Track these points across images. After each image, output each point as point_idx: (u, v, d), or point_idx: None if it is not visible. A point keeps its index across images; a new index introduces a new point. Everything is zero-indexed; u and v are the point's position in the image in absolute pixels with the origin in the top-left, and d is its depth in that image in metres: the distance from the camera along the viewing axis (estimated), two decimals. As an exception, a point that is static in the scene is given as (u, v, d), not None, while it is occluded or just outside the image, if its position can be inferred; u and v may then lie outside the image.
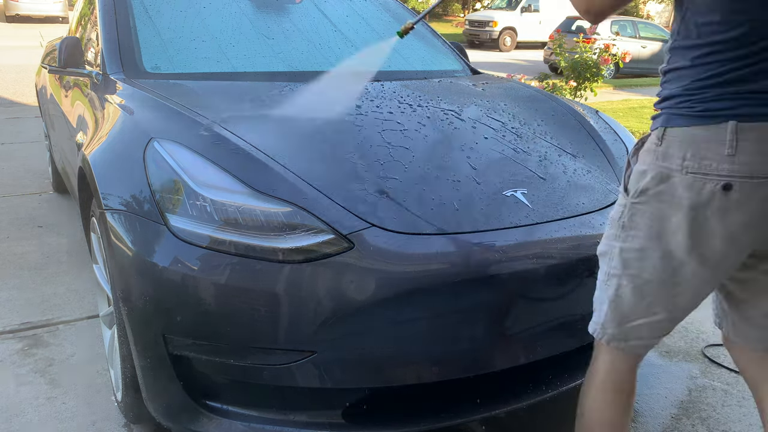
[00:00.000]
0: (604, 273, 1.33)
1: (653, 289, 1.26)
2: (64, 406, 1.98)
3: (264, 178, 1.59)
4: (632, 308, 1.29)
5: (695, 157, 1.16)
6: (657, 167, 1.21)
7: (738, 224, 1.17)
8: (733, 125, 1.14)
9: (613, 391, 1.36)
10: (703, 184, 1.16)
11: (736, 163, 1.14)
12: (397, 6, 3.26)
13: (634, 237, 1.26)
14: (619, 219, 1.29)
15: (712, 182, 1.15)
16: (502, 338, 1.61)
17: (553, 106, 2.44)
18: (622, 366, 1.35)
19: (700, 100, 1.17)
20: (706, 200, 1.16)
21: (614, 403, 1.36)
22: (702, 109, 1.17)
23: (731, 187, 1.15)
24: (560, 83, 6.69)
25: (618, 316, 1.31)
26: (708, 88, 1.16)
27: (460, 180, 1.74)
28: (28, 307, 2.60)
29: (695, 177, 1.17)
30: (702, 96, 1.17)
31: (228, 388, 1.57)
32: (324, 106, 2.09)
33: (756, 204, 1.16)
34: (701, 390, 2.20)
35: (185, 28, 2.59)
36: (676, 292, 1.25)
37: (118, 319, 1.69)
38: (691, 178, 1.17)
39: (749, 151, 1.13)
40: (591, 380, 1.38)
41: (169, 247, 1.50)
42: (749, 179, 1.14)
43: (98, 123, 2.09)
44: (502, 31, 19.13)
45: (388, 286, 1.45)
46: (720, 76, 1.15)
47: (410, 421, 1.57)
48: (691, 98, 1.18)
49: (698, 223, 1.18)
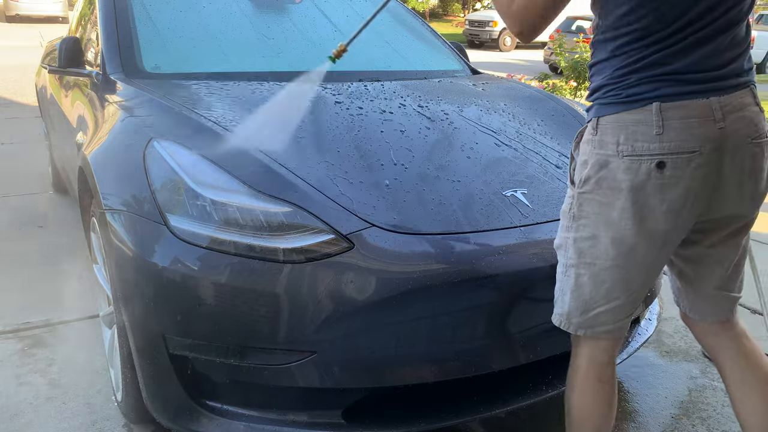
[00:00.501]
0: (562, 265, 1.38)
1: (609, 274, 1.30)
2: (64, 406, 1.98)
3: (264, 178, 1.59)
4: (592, 296, 1.33)
5: (628, 141, 1.23)
6: (595, 155, 1.27)
7: (676, 199, 1.23)
8: (657, 106, 1.20)
9: (595, 384, 1.40)
10: (638, 165, 1.22)
11: (665, 141, 1.20)
12: (396, 6, 3.26)
13: (585, 226, 1.31)
14: (569, 210, 1.34)
15: (647, 162, 1.21)
16: (502, 338, 1.61)
17: (553, 106, 2.44)
18: (601, 358, 1.39)
19: (623, 86, 1.24)
20: (643, 180, 1.22)
21: (598, 396, 1.40)
22: (626, 95, 1.23)
23: (664, 165, 1.21)
24: (560, 83, 6.70)
25: (580, 305, 1.35)
26: (629, 74, 1.23)
27: (460, 180, 1.74)
28: (28, 307, 2.60)
29: (631, 159, 1.23)
30: (625, 83, 1.23)
31: (228, 388, 1.57)
32: (325, 106, 2.09)
33: (689, 178, 1.22)
34: (701, 390, 2.20)
35: (185, 28, 2.59)
36: (631, 274, 1.30)
37: (118, 319, 1.69)
38: (627, 161, 1.23)
39: (675, 128, 1.20)
40: (573, 377, 1.43)
41: (169, 247, 1.50)
42: (679, 155, 1.20)
43: (98, 123, 2.09)
44: (502, 31, 19.11)
45: (388, 286, 1.45)
46: (638, 63, 1.22)
47: (410, 421, 1.57)
48: (616, 86, 1.25)
49: (640, 204, 1.24)
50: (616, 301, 1.33)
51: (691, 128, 1.20)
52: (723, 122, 1.21)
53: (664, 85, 1.21)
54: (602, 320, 1.35)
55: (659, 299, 2.16)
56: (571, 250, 1.34)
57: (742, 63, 1.25)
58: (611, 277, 1.30)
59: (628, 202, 1.24)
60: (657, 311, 2.13)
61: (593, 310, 1.34)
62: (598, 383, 1.40)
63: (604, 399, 1.41)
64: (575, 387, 1.42)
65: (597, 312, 1.34)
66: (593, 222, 1.29)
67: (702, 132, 1.20)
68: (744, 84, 1.25)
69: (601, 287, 1.32)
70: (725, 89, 1.22)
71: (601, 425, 1.41)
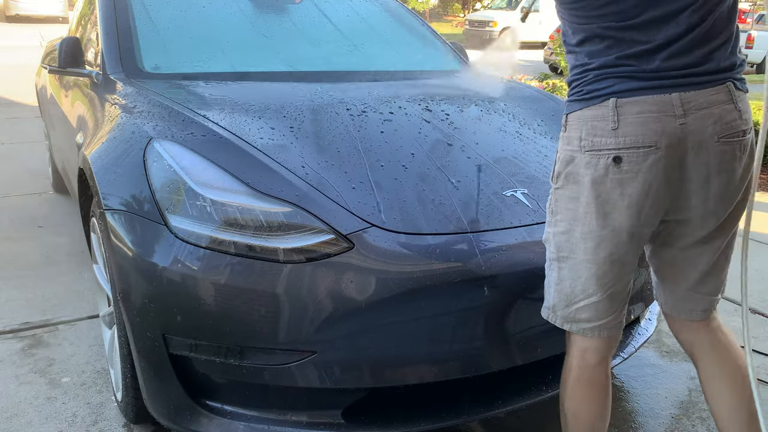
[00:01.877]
0: (547, 259, 1.41)
1: (583, 268, 1.32)
2: (64, 406, 1.99)
3: (264, 178, 1.59)
4: (572, 289, 1.36)
5: (589, 136, 1.25)
6: (564, 151, 1.31)
7: (636, 194, 1.24)
8: (613, 102, 1.22)
9: (588, 387, 1.41)
10: (597, 159, 1.24)
11: (620, 136, 1.22)
12: (397, 6, 3.26)
13: (561, 221, 1.34)
14: (549, 206, 1.38)
15: (605, 157, 1.24)
16: (502, 338, 1.61)
17: (553, 106, 2.44)
18: (592, 359, 1.40)
19: (584, 83, 1.27)
20: (602, 175, 1.24)
21: (591, 398, 1.41)
22: (587, 91, 1.26)
23: (621, 160, 1.22)
24: (560, 83, 6.70)
25: (563, 298, 1.38)
26: (588, 71, 1.26)
27: (460, 180, 1.74)
28: (28, 307, 2.61)
29: (591, 154, 1.25)
30: (584, 79, 1.27)
31: (228, 388, 1.57)
32: (325, 106, 2.09)
33: (647, 173, 1.22)
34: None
35: (185, 28, 2.59)
36: (603, 269, 1.31)
37: (118, 319, 1.69)
38: (588, 156, 1.26)
39: (630, 123, 1.21)
40: (566, 378, 1.43)
41: (169, 247, 1.50)
42: (635, 149, 1.21)
43: (98, 123, 2.09)
44: (502, 31, 19.11)
45: (388, 286, 1.45)
46: (597, 59, 1.25)
47: (410, 421, 1.57)
48: (579, 83, 1.28)
49: (602, 199, 1.26)
50: (593, 296, 1.34)
51: (647, 123, 1.20)
52: (684, 118, 1.20)
53: (621, 81, 1.22)
54: (584, 316, 1.36)
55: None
56: (552, 244, 1.37)
57: (718, 59, 1.23)
58: (585, 272, 1.32)
59: (590, 197, 1.26)
60: (657, 311, 2.13)
61: (574, 305, 1.36)
62: (589, 385, 1.41)
63: (596, 400, 1.41)
64: (567, 387, 1.43)
65: (578, 306, 1.36)
66: (566, 217, 1.32)
67: (659, 127, 1.20)
68: (718, 81, 1.22)
69: (578, 281, 1.34)
70: (692, 85, 1.21)
71: (595, 424, 1.42)
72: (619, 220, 1.26)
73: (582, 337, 1.39)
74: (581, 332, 1.39)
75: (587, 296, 1.34)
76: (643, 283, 1.85)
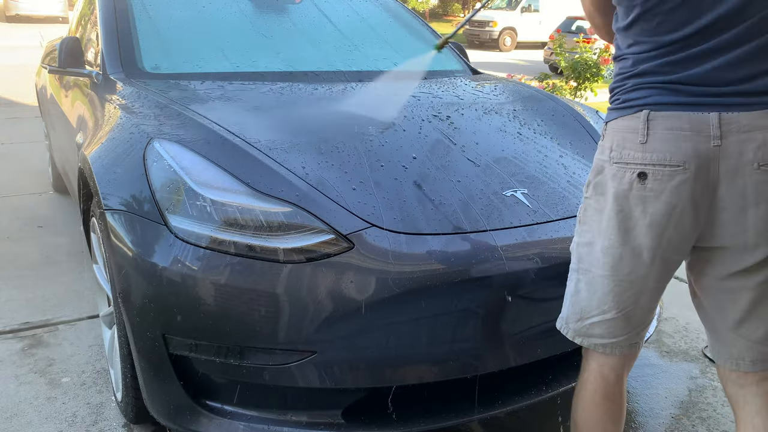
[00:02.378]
0: (570, 269, 1.37)
1: (600, 283, 1.27)
2: (64, 406, 1.99)
3: (264, 178, 1.59)
4: (587, 303, 1.31)
5: (618, 147, 1.21)
6: (597, 160, 1.27)
7: (658, 214, 1.17)
8: (646, 114, 1.17)
9: (601, 401, 1.35)
10: (623, 173, 1.20)
11: (648, 151, 1.16)
12: (397, 6, 3.26)
13: (586, 232, 1.30)
14: (578, 215, 1.34)
15: (630, 171, 1.19)
16: (502, 338, 1.61)
17: (553, 106, 2.44)
18: (609, 375, 1.35)
19: (621, 92, 1.23)
20: (626, 190, 1.19)
21: (605, 414, 1.35)
22: (623, 100, 1.22)
23: (646, 176, 1.17)
24: (560, 83, 6.69)
25: (577, 311, 1.33)
26: (626, 79, 1.21)
27: (460, 180, 1.74)
28: (28, 307, 2.61)
29: (618, 166, 1.21)
30: (622, 88, 1.22)
31: (228, 388, 1.57)
32: (325, 106, 2.09)
33: (672, 193, 1.16)
34: (701, 390, 2.20)
35: (185, 28, 2.59)
36: (621, 287, 1.26)
37: (118, 319, 1.69)
38: (615, 168, 1.21)
39: (660, 138, 1.15)
40: (580, 391, 1.39)
41: (169, 247, 1.50)
42: (661, 167, 1.15)
43: (98, 123, 2.09)
44: (502, 31, 19.13)
45: (388, 286, 1.45)
46: (637, 67, 1.19)
47: (410, 421, 1.57)
48: (618, 91, 1.24)
49: (624, 214, 1.21)
50: (608, 313, 1.29)
51: (676, 141, 1.14)
52: (720, 140, 1.12)
53: (658, 93, 1.16)
54: (597, 332, 1.32)
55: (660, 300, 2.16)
56: (575, 254, 1.34)
57: None
58: (602, 287, 1.27)
59: (613, 210, 1.22)
60: (657, 311, 2.13)
61: (588, 319, 1.32)
62: (604, 400, 1.35)
63: (609, 416, 1.36)
64: (581, 402, 1.38)
65: (591, 322, 1.31)
66: (591, 228, 1.28)
67: (689, 147, 1.13)
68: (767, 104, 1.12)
69: (594, 296, 1.29)
70: (736, 105, 1.12)
71: None
72: (639, 238, 1.20)
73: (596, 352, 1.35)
74: (593, 347, 1.34)
75: (602, 312, 1.29)
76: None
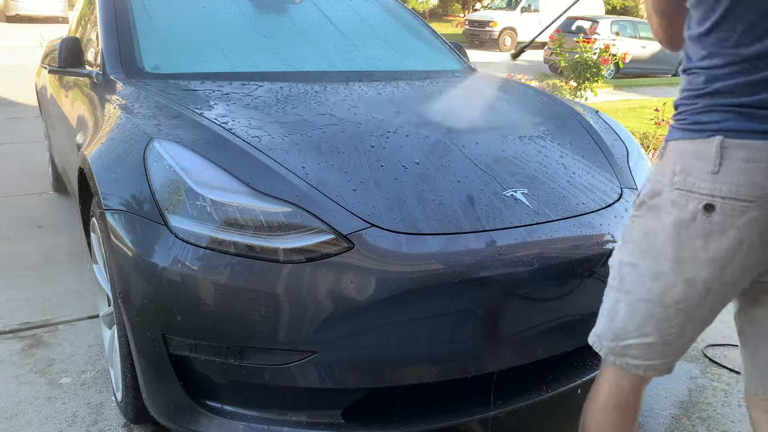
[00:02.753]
0: (608, 285, 1.29)
1: (643, 308, 1.20)
2: (64, 406, 1.99)
3: (264, 178, 1.59)
4: (625, 324, 1.23)
5: (683, 173, 1.11)
6: (654, 181, 1.18)
7: (723, 250, 1.09)
8: (719, 140, 1.06)
9: (614, 410, 1.30)
10: (686, 201, 1.10)
11: (718, 182, 1.06)
12: (397, 6, 3.26)
13: (631, 251, 1.22)
14: (623, 231, 1.26)
15: (695, 201, 1.09)
16: (502, 338, 1.61)
17: (553, 106, 2.44)
18: (626, 386, 1.29)
19: (691, 111, 1.12)
20: (688, 220, 1.10)
21: (616, 424, 1.31)
22: (692, 121, 1.11)
23: (713, 209, 1.07)
24: (560, 83, 6.70)
25: (613, 330, 1.26)
26: (697, 98, 1.11)
27: (460, 180, 1.74)
28: (28, 307, 2.61)
29: (680, 193, 1.11)
30: (693, 107, 1.12)
31: (228, 388, 1.57)
32: (325, 107, 2.09)
33: (741, 230, 1.07)
34: (701, 390, 2.20)
35: (185, 28, 2.59)
36: (666, 315, 1.18)
37: (118, 319, 1.69)
38: (677, 195, 1.11)
39: (734, 169, 1.05)
40: (594, 398, 1.34)
41: (169, 247, 1.50)
42: (733, 201, 1.06)
43: (98, 123, 2.09)
44: (502, 31, 19.13)
45: (388, 286, 1.45)
46: (710, 86, 1.09)
47: (410, 421, 1.57)
48: (685, 109, 1.13)
49: (682, 244, 1.12)
50: (648, 337, 1.21)
51: (753, 174, 1.04)
52: None
53: (734, 118, 1.05)
54: (633, 353, 1.24)
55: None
56: (616, 272, 1.25)
57: None
58: (644, 312, 1.19)
59: (669, 238, 1.12)
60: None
61: (624, 340, 1.24)
62: (617, 409, 1.30)
63: (620, 426, 1.30)
64: (592, 410, 1.33)
65: (628, 343, 1.24)
66: (637, 249, 1.19)
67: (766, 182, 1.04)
68: None
69: (634, 318, 1.21)
70: None
71: None
72: (696, 271, 1.12)
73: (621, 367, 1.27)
74: (626, 367, 1.26)
75: (641, 335, 1.21)
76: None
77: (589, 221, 1.73)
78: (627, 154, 2.13)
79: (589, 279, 1.69)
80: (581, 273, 1.67)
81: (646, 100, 9.82)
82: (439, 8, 27.85)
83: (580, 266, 1.66)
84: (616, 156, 2.10)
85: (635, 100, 9.88)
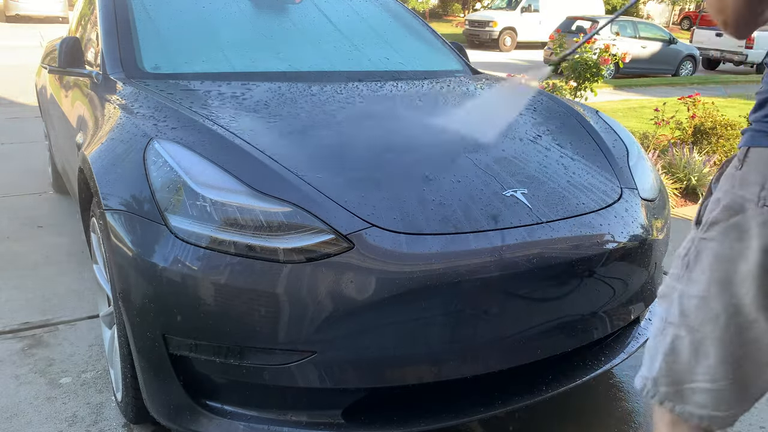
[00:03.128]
0: (661, 319, 1.10)
1: (715, 349, 1.02)
2: (64, 406, 1.99)
3: (264, 178, 1.59)
4: (690, 368, 1.05)
5: None
6: (732, 195, 0.98)
7: None
8: None
9: None
10: None
11: None
12: (397, 6, 3.26)
13: (697, 281, 1.03)
14: (684, 257, 1.06)
15: None
16: (502, 338, 1.61)
17: (553, 106, 2.44)
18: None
19: None
20: None
21: None
22: None
23: None
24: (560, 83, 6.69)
25: (673, 373, 1.08)
26: None
27: (460, 180, 1.74)
28: (28, 307, 2.60)
29: None
30: None
31: (228, 388, 1.57)
32: (325, 107, 2.09)
33: None
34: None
35: (185, 28, 2.59)
36: (743, 356, 1.01)
37: (118, 319, 1.69)
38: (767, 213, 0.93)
39: None
40: None
41: (169, 247, 1.50)
42: None
43: (98, 123, 2.09)
44: (502, 31, 19.13)
45: (388, 286, 1.45)
46: None
47: (410, 421, 1.57)
48: None
49: None
50: (719, 382, 1.03)
51: None
52: None
53: None
54: (699, 400, 1.06)
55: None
56: (675, 305, 1.06)
57: None
58: (716, 354, 1.02)
59: (755, 267, 0.95)
60: (657, 311, 2.13)
61: (688, 384, 1.06)
62: None
63: None
64: None
65: (693, 387, 1.06)
66: (707, 279, 1.01)
67: None
68: None
69: (703, 361, 1.03)
70: None
71: None
72: None
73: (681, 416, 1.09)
74: (686, 417, 1.07)
75: (711, 380, 1.03)
76: (643, 283, 1.85)
77: (589, 221, 1.73)
78: (627, 154, 2.13)
79: (589, 279, 1.69)
80: (581, 273, 1.67)
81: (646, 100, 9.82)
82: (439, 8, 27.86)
83: (580, 266, 1.66)
84: (616, 156, 2.10)
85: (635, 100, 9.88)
